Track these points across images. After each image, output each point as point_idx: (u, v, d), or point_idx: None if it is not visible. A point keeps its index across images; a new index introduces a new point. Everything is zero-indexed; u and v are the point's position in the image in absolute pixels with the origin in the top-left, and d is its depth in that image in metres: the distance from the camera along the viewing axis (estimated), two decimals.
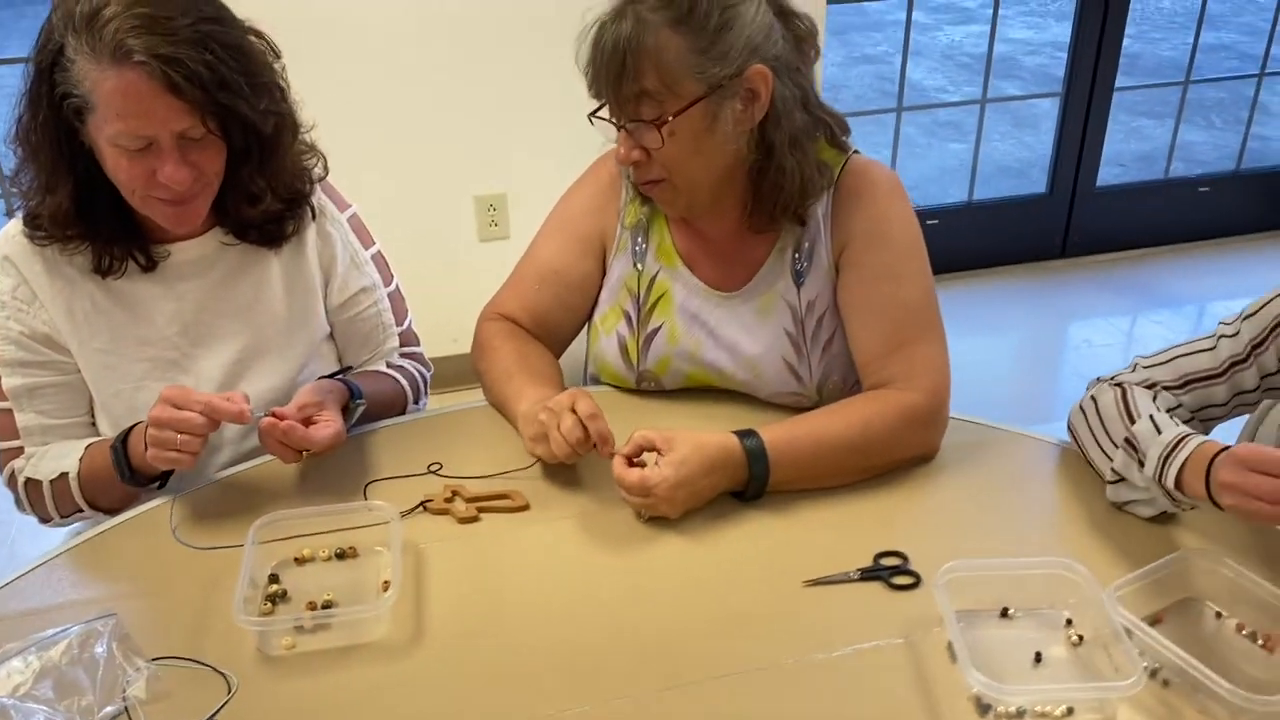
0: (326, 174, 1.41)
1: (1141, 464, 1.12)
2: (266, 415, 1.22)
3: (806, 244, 1.35)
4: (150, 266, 1.33)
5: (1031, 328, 3.36)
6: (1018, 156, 4.80)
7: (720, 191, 1.32)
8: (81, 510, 1.34)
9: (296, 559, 1.17)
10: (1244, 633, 1.04)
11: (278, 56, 1.27)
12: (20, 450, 1.35)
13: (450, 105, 2.64)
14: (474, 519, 1.23)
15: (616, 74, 1.20)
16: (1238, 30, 6.60)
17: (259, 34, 1.24)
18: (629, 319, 1.43)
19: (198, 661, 1.04)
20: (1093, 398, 1.25)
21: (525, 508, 1.24)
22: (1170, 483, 1.08)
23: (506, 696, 1.00)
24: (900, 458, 1.29)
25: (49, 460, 1.33)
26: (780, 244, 1.36)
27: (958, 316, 3.33)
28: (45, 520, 1.38)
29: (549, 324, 1.47)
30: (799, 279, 1.36)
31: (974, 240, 3.58)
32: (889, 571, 1.12)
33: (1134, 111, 5.01)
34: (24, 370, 1.33)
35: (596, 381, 1.50)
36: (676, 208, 1.35)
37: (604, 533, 1.20)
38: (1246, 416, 1.40)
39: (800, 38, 1.29)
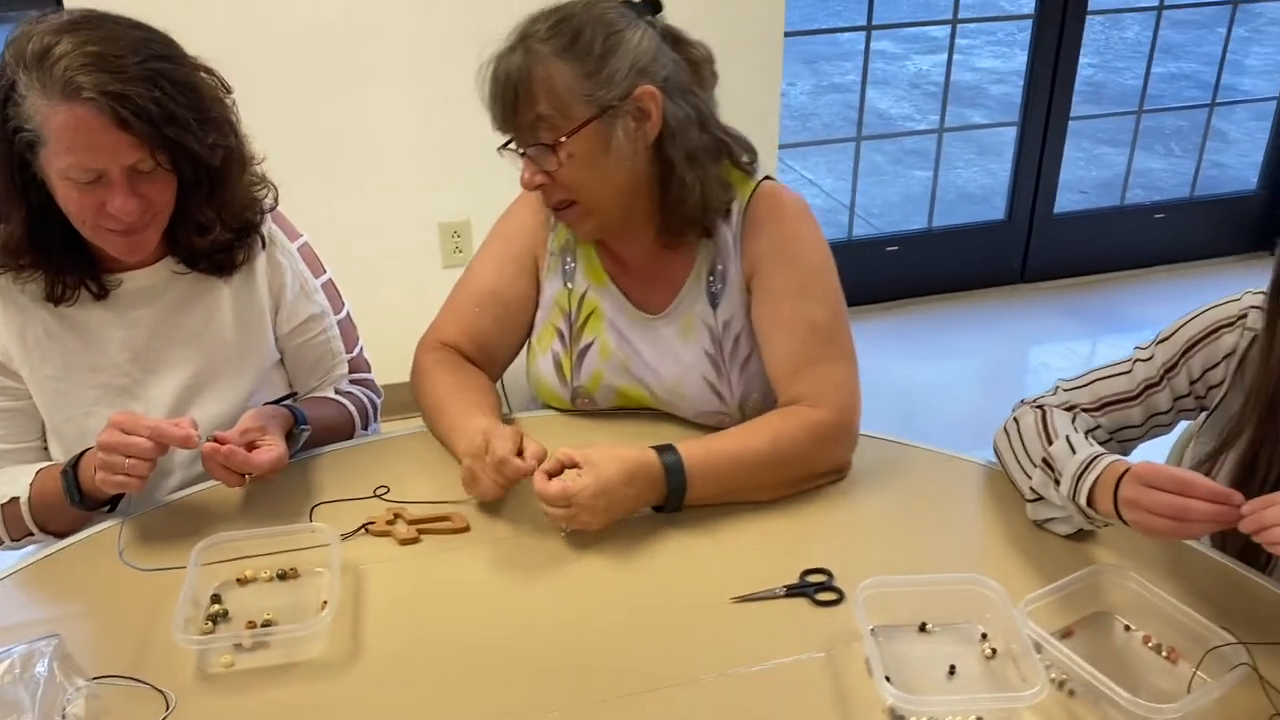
0: (276, 204, 1.45)
1: (1057, 483, 1.17)
2: (209, 440, 1.25)
3: (720, 266, 1.40)
4: (102, 294, 1.36)
5: (991, 352, 3.42)
6: (981, 184, 4.88)
7: (629, 210, 1.37)
8: (32, 534, 1.36)
9: (239, 580, 1.20)
10: (1150, 645, 1.08)
11: (228, 92, 1.31)
12: None
13: (415, 135, 2.69)
14: (415, 540, 1.26)
15: (512, 103, 1.27)
16: (1199, 60, 6.73)
17: (209, 70, 1.28)
18: (562, 337, 1.48)
19: (136, 680, 1.06)
20: (1015, 419, 1.29)
21: (466, 529, 1.27)
22: (1083, 500, 1.13)
23: (441, 712, 1.03)
24: (810, 473, 1.33)
25: (0, 485, 1.36)
26: (696, 268, 1.41)
27: (919, 341, 3.42)
28: None
29: (489, 347, 1.51)
30: (714, 301, 1.41)
31: (934, 266, 3.64)
32: (814, 588, 1.16)
33: (1096, 139, 5.10)
34: None
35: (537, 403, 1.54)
36: (588, 229, 1.40)
37: (541, 553, 1.24)
38: (1171, 438, 1.46)
39: (695, 62, 1.36)
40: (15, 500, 1.33)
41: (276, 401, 1.40)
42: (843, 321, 1.38)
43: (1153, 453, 1.29)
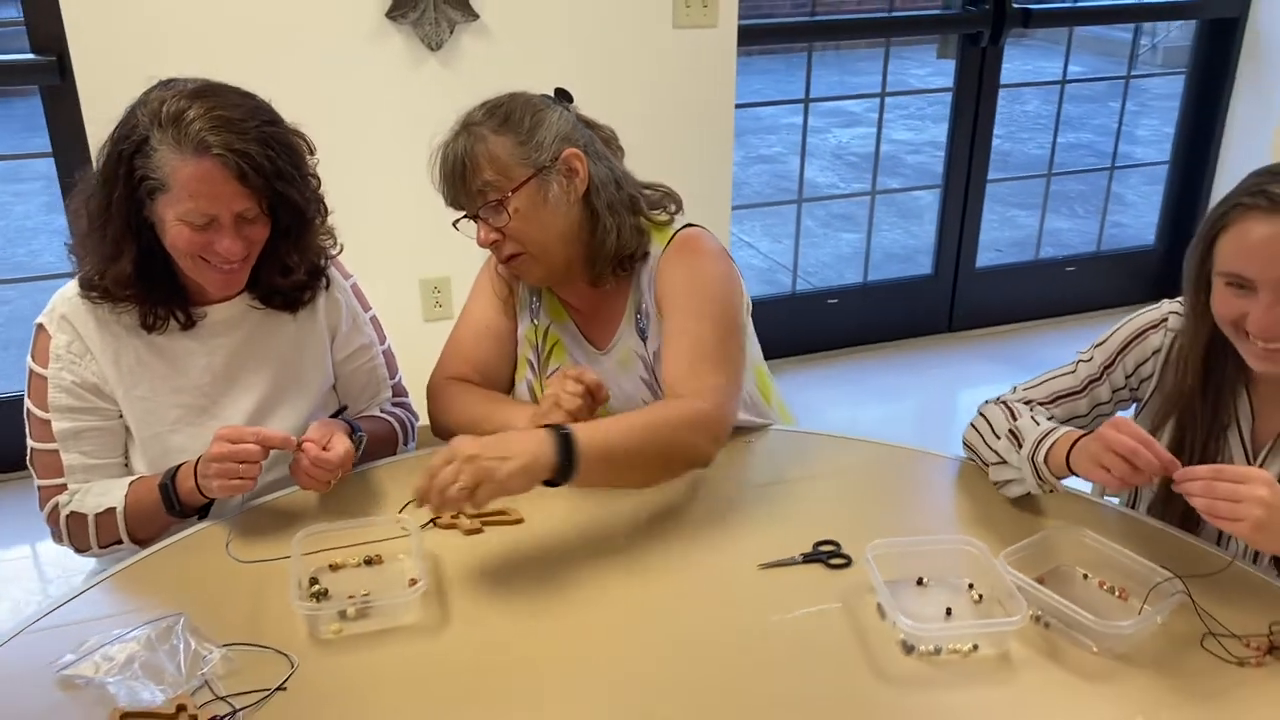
0: (340, 251, 1.65)
1: (1020, 445, 1.42)
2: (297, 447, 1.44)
3: (643, 305, 1.63)
4: (189, 324, 1.54)
5: (924, 395, 3.71)
6: (904, 244, 5.25)
7: (569, 256, 1.60)
8: (121, 542, 1.52)
9: (331, 566, 1.37)
10: (1105, 588, 1.32)
11: (313, 152, 1.52)
12: (63, 487, 1.53)
13: (396, 194, 2.88)
14: (478, 531, 1.45)
15: (461, 176, 1.53)
16: (1094, 131, 7.29)
17: (301, 134, 1.49)
18: (532, 366, 1.71)
19: (263, 646, 1.23)
20: (982, 414, 1.55)
21: (520, 521, 1.47)
22: (1041, 458, 1.38)
23: (518, 665, 1.22)
24: (681, 454, 1.47)
25: (93, 496, 1.52)
26: (628, 309, 1.65)
27: (859, 386, 3.70)
28: (82, 550, 1.55)
29: (492, 375, 1.72)
30: (643, 334, 1.64)
31: (869, 318, 3.94)
32: (827, 555, 1.38)
33: (1007, 203, 5.53)
34: (72, 415, 1.52)
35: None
36: (537, 276, 1.63)
37: (587, 537, 1.44)
38: None
39: (606, 139, 1.65)
40: (111, 510, 1.49)
41: (332, 416, 1.58)
42: (730, 343, 1.56)
43: None
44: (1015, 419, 1.48)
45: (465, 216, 1.57)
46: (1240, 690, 1.16)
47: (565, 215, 1.56)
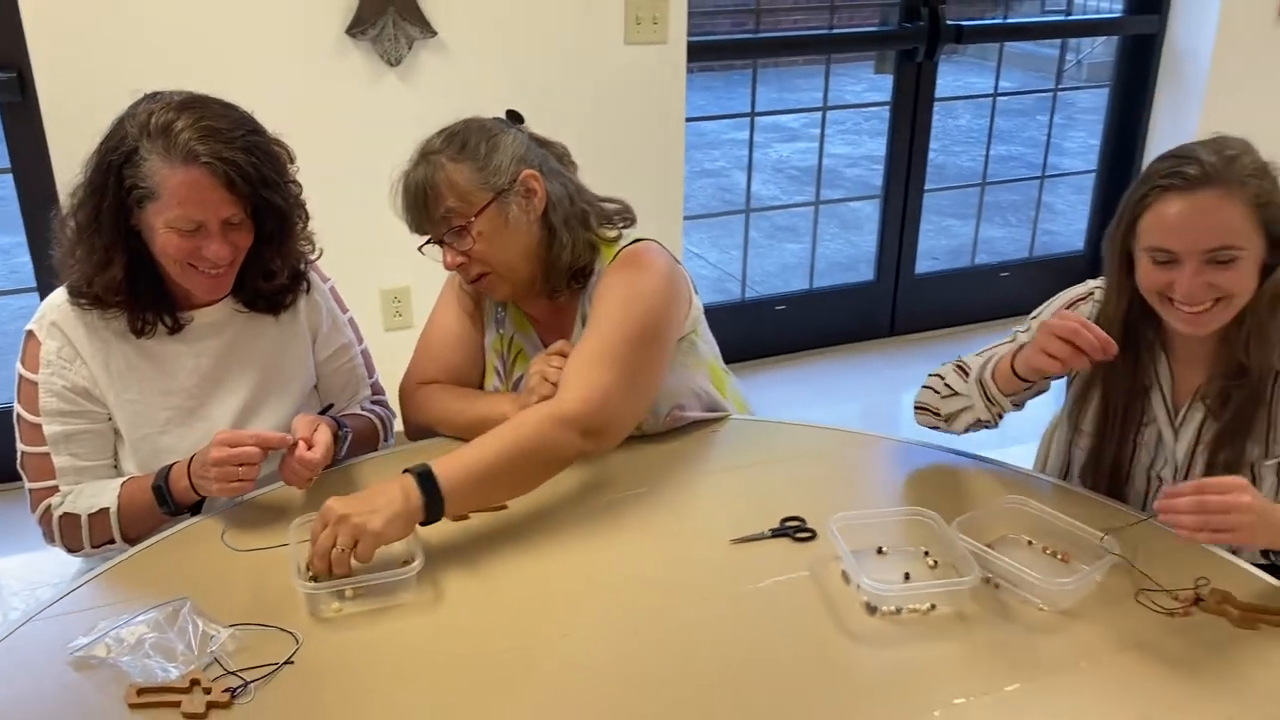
0: (319, 256, 1.72)
1: (967, 375, 1.57)
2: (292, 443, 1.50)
3: (586, 316, 1.70)
4: (176, 329, 1.60)
5: (868, 397, 3.84)
6: (846, 253, 5.41)
7: (532, 272, 1.68)
8: (113, 541, 1.57)
9: None
10: (1048, 552, 1.44)
11: (293, 160, 1.59)
12: (54, 489, 1.58)
13: (356, 206, 2.93)
14: (464, 518, 1.53)
15: (424, 204, 1.60)
16: (1024, 143, 7.55)
17: (282, 144, 1.56)
18: (499, 373, 1.80)
19: (268, 625, 1.30)
20: (930, 375, 1.69)
21: (504, 507, 1.55)
22: (988, 376, 1.54)
23: (513, 636, 1.30)
24: (545, 452, 1.49)
25: (85, 498, 1.56)
26: (577, 319, 1.73)
27: (806, 388, 3.83)
28: (74, 550, 1.60)
29: (463, 379, 1.80)
30: None
31: (815, 323, 4.07)
32: (793, 530, 1.48)
33: (944, 213, 5.72)
34: (63, 419, 1.57)
35: None
36: (503, 293, 1.71)
37: (571, 522, 1.52)
38: (1043, 424, 1.86)
39: (559, 156, 1.74)
40: (104, 511, 1.55)
41: (320, 413, 1.65)
42: (634, 348, 1.57)
43: (1029, 431, 1.67)
44: (961, 361, 1.64)
45: (430, 241, 1.64)
46: (1171, 638, 1.28)
47: (526, 233, 1.64)
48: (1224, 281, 1.42)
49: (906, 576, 1.38)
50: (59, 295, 1.58)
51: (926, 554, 1.43)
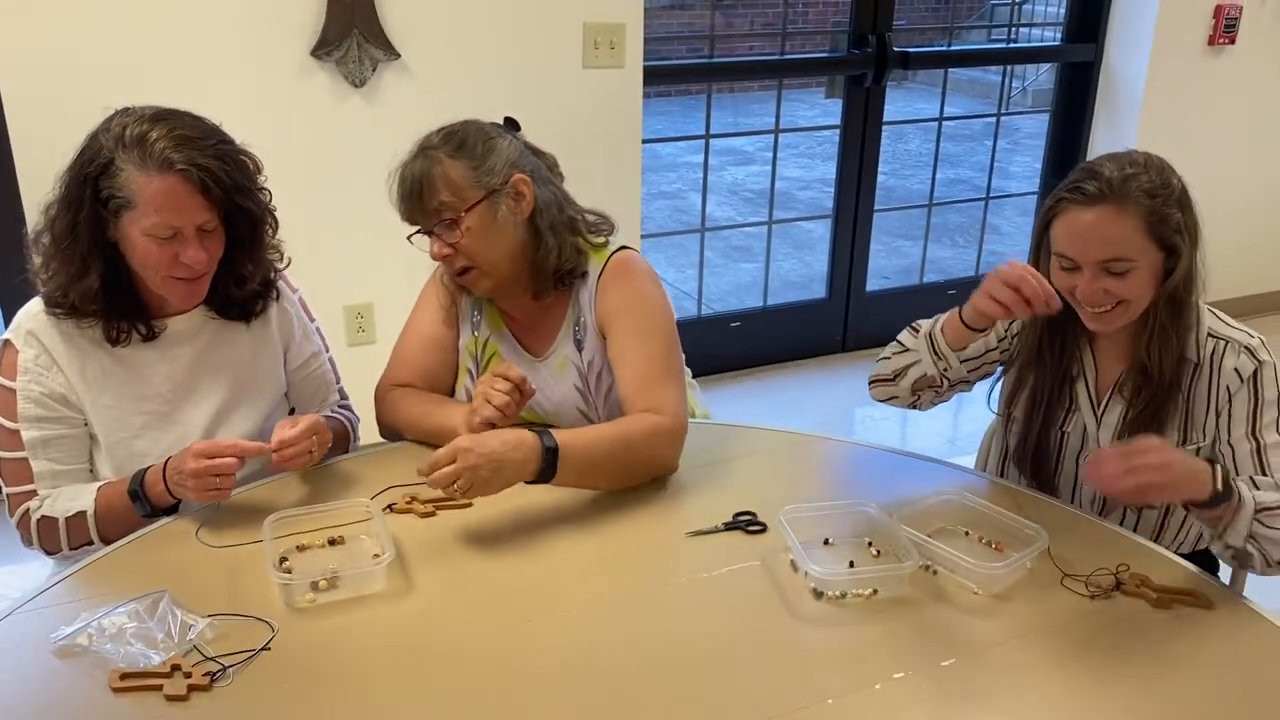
0: (288, 265, 1.79)
1: (917, 331, 1.69)
2: (273, 450, 1.56)
3: (582, 318, 1.80)
4: (150, 336, 1.65)
5: (822, 410, 3.95)
6: (799, 273, 5.54)
7: (516, 272, 1.76)
8: (91, 543, 1.61)
9: (298, 547, 1.50)
10: (983, 542, 1.54)
11: (260, 170, 1.65)
12: (32, 494, 1.62)
13: (321, 225, 3.01)
14: (431, 514, 1.60)
15: (418, 196, 1.68)
16: (971, 167, 7.77)
17: (249, 154, 1.63)
18: (471, 375, 1.86)
19: (244, 615, 1.36)
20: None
21: (469, 505, 1.62)
22: (937, 330, 1.65)
23: (476, 624, 1.37)
24: (647, 462, 1.67)
25: (63, 501, 1.61)
26: (566, 321, 1.82)
27: (760, 402, 3.93)
28: (52, 553, 1.64)
29: (435, 382, 1.87)
30: (579, 345, 1.81)
31: (770, 339, 4.18)
32: (745, 523, 1.57)
33: (893, 234, 5.88)
34: (40, 424, 1.61)
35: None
36: (485, 288, 1.78)
37: (532, 517, 1.60)
38: (983, 426, 1.96)
39: (550, 166, 1.83)
40: (82, 514, 1.59)
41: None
42: (675, 357, 1.76)
43: (973, 443, 1.77)
44: (916, 323, 1.74)
45: (419, 231, 1.72)
46: (1093, 618, 1.38)
47: (512, 234, 1.72)
48: (1118, 289, 1.54)
49: (851, 564, 1.47)
50: (35, 305, 1.63)
51: (870, 544, 1.52)
